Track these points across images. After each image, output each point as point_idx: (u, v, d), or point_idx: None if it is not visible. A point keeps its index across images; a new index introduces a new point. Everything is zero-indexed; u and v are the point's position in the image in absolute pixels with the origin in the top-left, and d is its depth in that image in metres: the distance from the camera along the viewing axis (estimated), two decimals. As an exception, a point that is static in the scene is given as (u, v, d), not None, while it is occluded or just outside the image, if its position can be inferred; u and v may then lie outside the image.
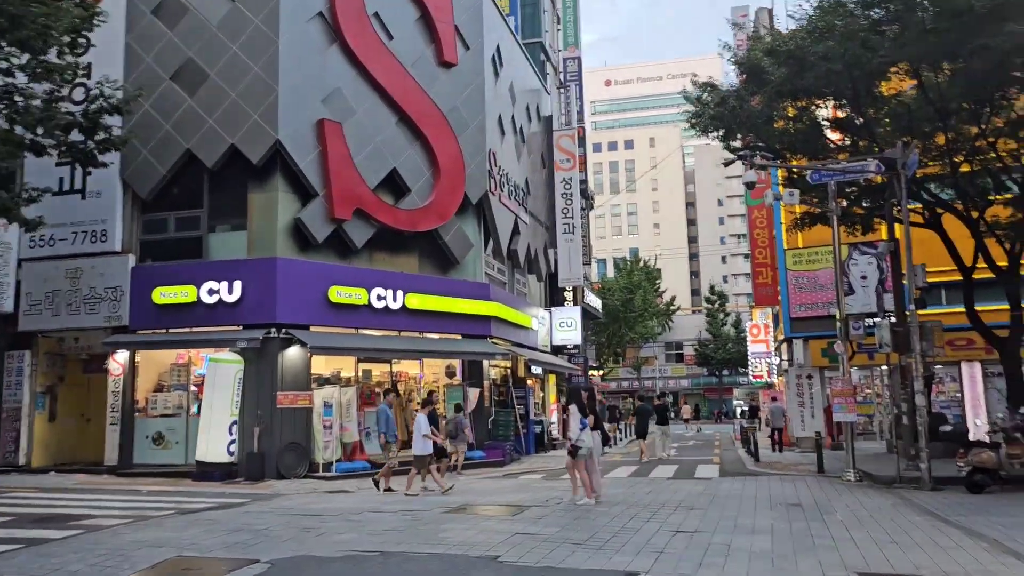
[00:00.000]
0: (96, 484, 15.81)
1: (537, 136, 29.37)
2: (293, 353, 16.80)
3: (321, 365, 18.27)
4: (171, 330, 17.25)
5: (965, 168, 16.46)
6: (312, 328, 17.45)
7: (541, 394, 28.31)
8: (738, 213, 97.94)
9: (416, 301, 19.13)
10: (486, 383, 21.46)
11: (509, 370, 24.85)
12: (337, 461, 17.03)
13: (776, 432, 25.57)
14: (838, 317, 16.27)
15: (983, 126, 15.60)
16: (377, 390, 19.45)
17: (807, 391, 25.11)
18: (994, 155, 16.22)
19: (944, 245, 17.14)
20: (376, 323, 18.54)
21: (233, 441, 16.25)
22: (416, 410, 15.48)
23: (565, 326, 29.97)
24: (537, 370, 26.52)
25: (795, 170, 18.19)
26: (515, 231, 24.91)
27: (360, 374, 19.06)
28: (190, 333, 17.08)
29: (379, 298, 18.41)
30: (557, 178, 30.21)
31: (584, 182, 35.52)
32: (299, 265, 17.27)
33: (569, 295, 32.36)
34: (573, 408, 11.86)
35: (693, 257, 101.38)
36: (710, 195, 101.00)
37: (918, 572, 7.18)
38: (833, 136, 18.67)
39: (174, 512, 11.52)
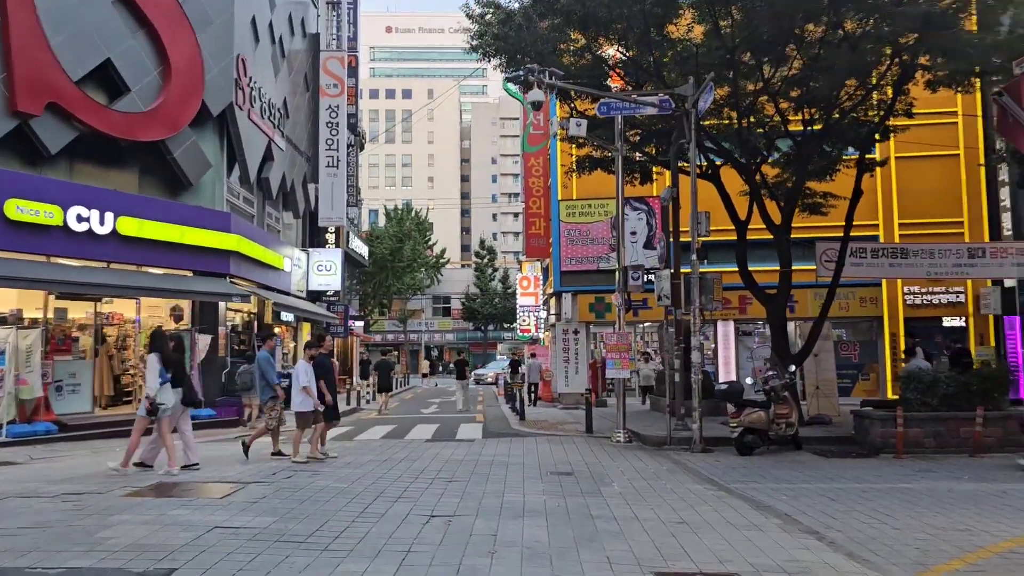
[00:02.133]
0: None
1: (301, 55, 25.94)
2: (-52, 282, 12.76)
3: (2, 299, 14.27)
4: None
5: (744, 123, 15.92)
6: (-21, 251, 13.44)
7: (293, 344, 25.41)
8: (511, 172, 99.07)
9: (132, 226, 15.53)
10: (222, 329, 18.30)
11: (255, 316, 21.74)
12: (9, 423, 13.31)
13: (532, 387, 25.16)
14: (618, 266, 15.15)
15: (762, 82, 15.09)
16: (110, 335, 15.76)
17: (572, 346, 24.53)
18: (774, 111, 15.88)
19: (721, 199, 16.59)
20: (76, 250, 14.77)
21: None
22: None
23: (324, 270, 27.11)
24: (288, 317, 23.60)
25: (579, 107, 16.89)
26: (268, 156, 21.64)
27: (52, 314, 15.19)
28: None
29: (80, 219, 14.64)
30: (322, 104, 27.02)
31: (354, 117, 32.56)
32: (-41, 167, 13.14)
33: (331, 237, 29.49)
34: (153, 358, 9.91)
35: (465, 213, 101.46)
36: (485, 152, 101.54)
37: (724, 569, 5.73)
38: (616, 84, 17.58)
39: None
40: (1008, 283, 23.02)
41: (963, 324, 24.64)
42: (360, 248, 40.27)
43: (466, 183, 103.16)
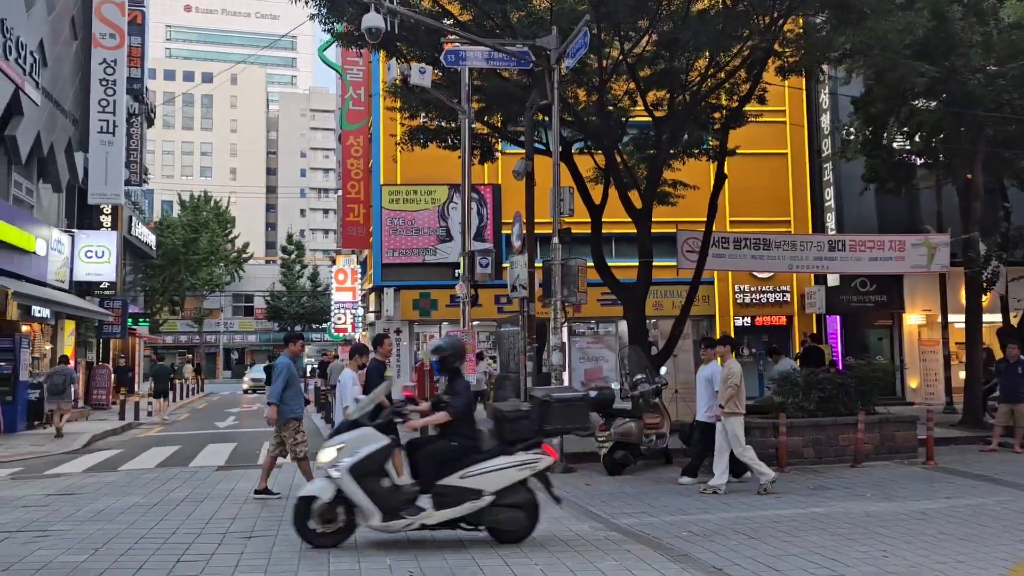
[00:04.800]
0: None
1: (67, -6, 21.29)
2: None
3: None
4: None
5: (597, 98, 14.10)
6: None
7: (49, 346, 20.76)
8: (321, 167, 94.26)
9: None
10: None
11: (-7, 311, 17.17)
12: None
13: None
14: (463, 250, 12.71)
15: (623, 55, 13.35)
16: None
17: (394, 347, 21.86)
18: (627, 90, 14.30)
19: (574, 182, 14.59)
20: None
21: None
22: None
23: (94, 256, 22.52)
24: (42, 312, 19.05)
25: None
26: (15, 109, 17.14)
27: None
28: None
29: None
30: (95, 57, 22.39)
31: (139, 82, 27.82)
32: None
33: (107, 220, 24.77)
34: None
35: (271, 208, 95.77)
36: (294, 145, 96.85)
37: None
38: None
39: None
40: (832, 281, 23.12)
41: (786, 323, 24.63)
42: (146, 236, 35.15)
43: (272, 176, 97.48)
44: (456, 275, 16.27)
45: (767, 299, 24.58)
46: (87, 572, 5.74)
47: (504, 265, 16.18)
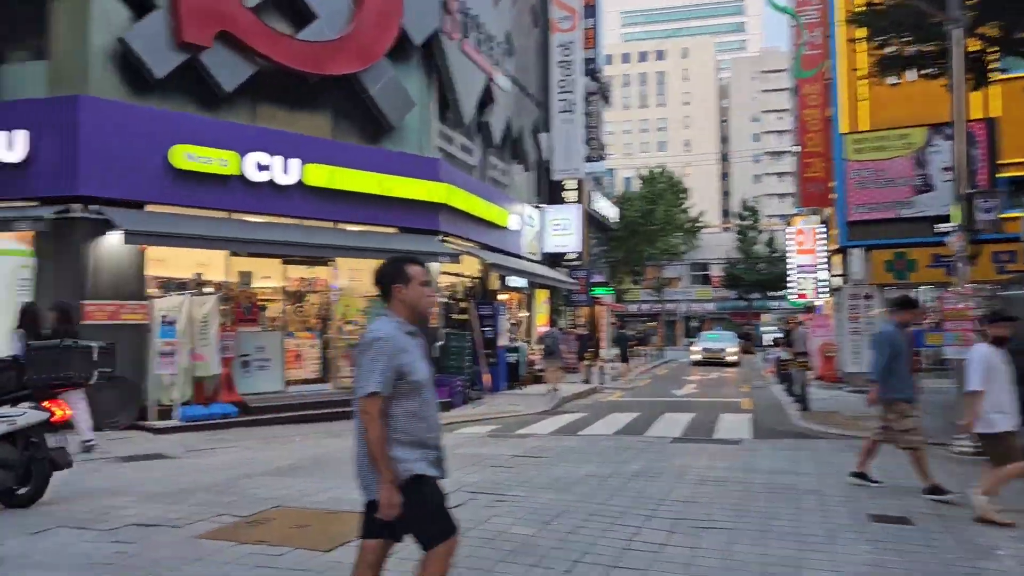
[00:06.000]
0: None
1: (527, -16, 22.84)
2: (113, 242, 11.13)
3: (177, 262, 12.64)
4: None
5: None
6: (150, 207, 11.77)
7: (525, 314, 22.67)
8: (775, 129, 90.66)
9: (320, 175, 13.31)
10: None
11: (478, 281, 19.14)
12: (184, 404, 11.54)
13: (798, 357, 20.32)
14: (956, 192, 10.16)
15: None
16: (259, 301, 13.77)
17: (864, 314, 19.31)
18: None
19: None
20: (256, 204, 12.78)
21: (18, 372, 10.79)
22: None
23: (560, 229, 24.02)
24: (519, 282, 20.78)
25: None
26: (488, 97, 18.79)
27: (236, 277, 13.39)
28: (-38, 211, 11.44)
29: (260, 167, 12.60)
30: (553, 42, 23.78)
31: (593, 62, 29.04)
32: (121, 110, 11.44)
33: (570, 195, 26.24)
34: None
35: (724, 176, 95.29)
36: (745, 110, 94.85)
37: None
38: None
39: None
40: None
41: None
42: (606, 210, 36.92)
43: (725, 144, 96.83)
44: (936, 231, 13.45)
45: None
46: (534, 548, 5.38)
47: (1005, 216, 12.86)
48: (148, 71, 11.69)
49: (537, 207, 23.80)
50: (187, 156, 11.73)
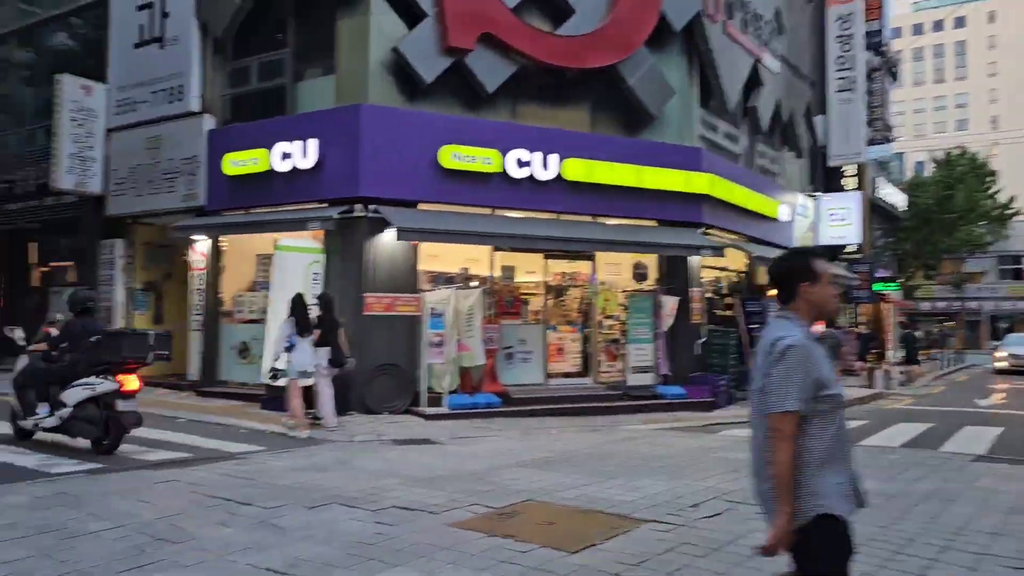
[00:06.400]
0: (156, 403, 12.48)
1: (799, -44, 21.19)
2: (389, 239, 11.94)
3: (447, 258, 13.30)
4: (252, 210, 13.22)
5: None
6: (421, 206, 12.47)
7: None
8: (1113, 94, 76.72)
9: (579, 170, 13.27)
10: (695, 291, 15.07)
11: (744, 276, 18.11)
12: (451, 393, 12.09)
13: None
14: None
15: None
16: (521, 294, 13.99)
17: None
18: None
19: None
20: (517, 200, 13.05)
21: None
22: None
23: (837, 219, 22.05)
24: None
25: None
26: (755, 80, 17.68)
27: (500, 272, 13.76)
28: (267, 213, 12.91)
29: (520, 164, 12.84)
30: (830, 15, 21.88)
31: (878, 35, 26.34)
32: (396, 116, 12.22)
33: (849, 182, 23.97)
34: (286, 324, 10.06)
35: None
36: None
37: None
38: None
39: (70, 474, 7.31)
40: None
41: None
42: (892, 198, 33.48)
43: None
44: None
45: None
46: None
47: None
48: (419, 77, 12.39)
49: (811, 196, 22.06)
50: (454, 156, 12.26)
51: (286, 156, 12.33)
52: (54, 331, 8.79)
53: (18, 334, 8.85)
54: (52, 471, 7.26)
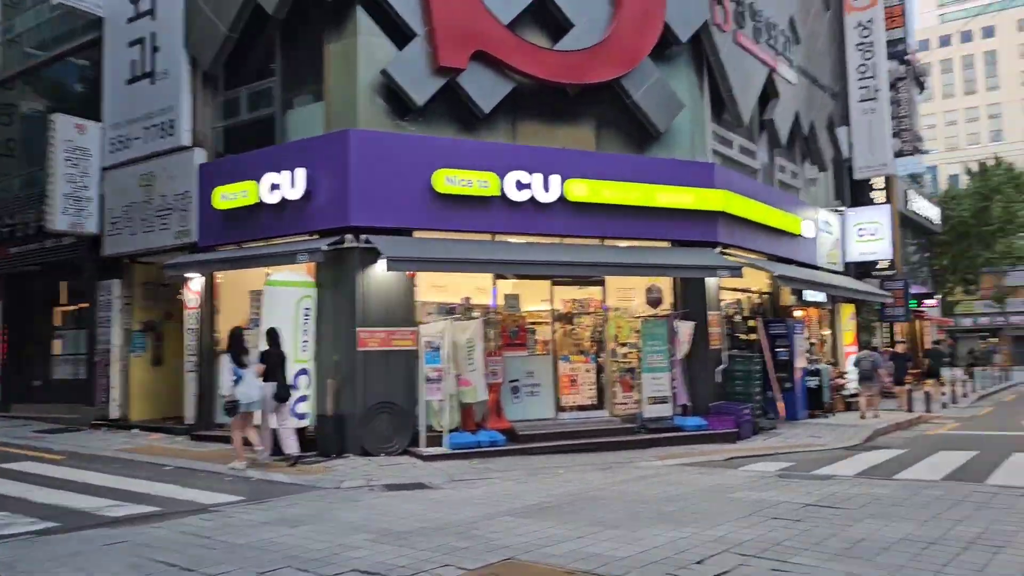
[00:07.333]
0: (146, 450, 11.91)
1: (814, -37, 20.46)
2: (382, 270, 11.29)
3: (451, 288, 12.62)
4: (244, 244, 12.68)
5: None
6: (417, 233, 11.83)
7: (827, 332, 20.04)
8: None
9: (583, 190, 12.57)
10: (713, 314, 14.20)
11: (767, 297, 17.19)
12: (452, 431, 11.34)
13: None
14: None
15: None
16: (527, 324, 13.21)
17: None
18: None
19: None
20: (518, 224, 12.35)
21: (303, 399, 11.32)
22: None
23: (866, 234, 21.04)
24: (817, 297, 18.37)
25: None
26: (770, 92, 16.90)
27: (502, 301, 13.02)
28: (258, 247, 12.37)
29: (520, 186, 12.16)
30: (848, 22, 21.05)
31: (902, 43, 25.46)
32: (386, 140, 11.63)
33: (878, 195, 22.92)
34: (225, 359, 10.35)
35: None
36: None
37: None
38: None
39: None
40: None
41: None
42: (926, 211, 32.26)
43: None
44: None
45: None
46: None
47: None
48: (410, 99, 11.82)
49: (837, 211, 21.09)
50: (448, 180, 11.63)
51: (275, 187, 11.79)
52: None
53: None
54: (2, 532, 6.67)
